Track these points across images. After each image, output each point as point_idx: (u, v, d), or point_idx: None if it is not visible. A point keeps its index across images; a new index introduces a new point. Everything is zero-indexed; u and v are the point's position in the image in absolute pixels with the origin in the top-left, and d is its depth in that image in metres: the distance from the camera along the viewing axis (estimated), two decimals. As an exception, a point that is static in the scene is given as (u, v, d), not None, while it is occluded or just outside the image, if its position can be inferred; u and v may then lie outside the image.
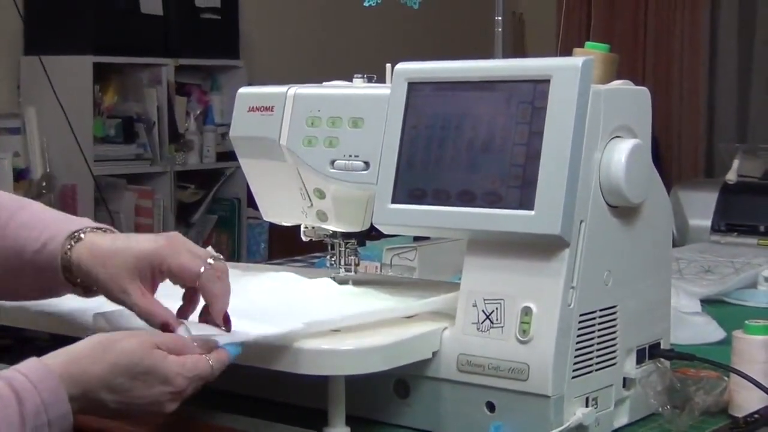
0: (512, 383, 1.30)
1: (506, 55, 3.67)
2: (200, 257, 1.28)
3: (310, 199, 1.58)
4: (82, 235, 1.31)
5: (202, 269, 1.26)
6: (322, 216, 1.57)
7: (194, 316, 1.30)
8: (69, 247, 1.30)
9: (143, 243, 1.29)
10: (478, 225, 1.34)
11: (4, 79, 4.77)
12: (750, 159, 3.36)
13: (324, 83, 1.58)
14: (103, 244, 1.30)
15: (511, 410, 1.30)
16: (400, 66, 1.44)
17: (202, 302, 1.29)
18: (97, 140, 4.77)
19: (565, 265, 1.29)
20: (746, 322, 1.46)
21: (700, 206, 3.05)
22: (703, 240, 2.95)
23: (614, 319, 1.37)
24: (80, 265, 1.29)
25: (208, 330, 1.26)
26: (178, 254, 1.28)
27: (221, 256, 1.30)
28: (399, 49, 5.26)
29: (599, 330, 1.34)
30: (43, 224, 1.34)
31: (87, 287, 1.32)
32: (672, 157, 6.29)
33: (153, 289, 1.28)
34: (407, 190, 1.39)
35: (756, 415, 1.36)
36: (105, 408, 1.18)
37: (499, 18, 2.58)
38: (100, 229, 1.34)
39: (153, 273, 1.28)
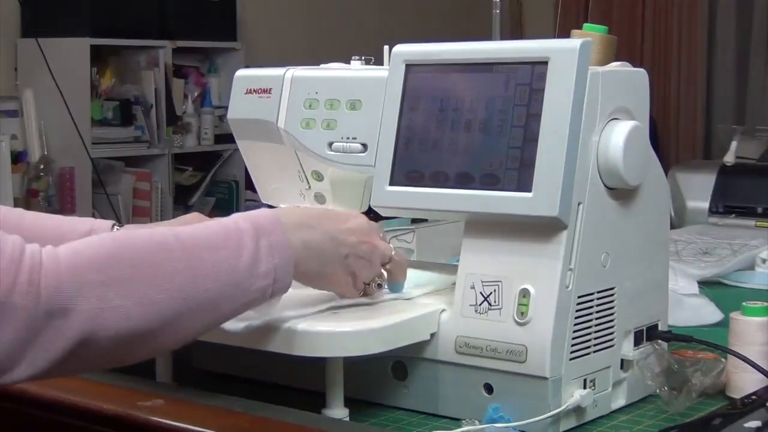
0: (510, 365, 1.30)
1: (504, 36, 3.67)
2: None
3: (308, 182, 1.58)
4: (118, 225, 1.47)
5: None
6: (320, 198, 1.58)
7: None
8: (115, 229, 1.44)
9: (175, 219, 1.52)
10: (476, 207, 1.34)
11: (1, 62, 4.77)
12: (748, 141, 3.36)
13: (321, 65, 1.58)
14: (145, 225, 1.48)
15: (509, 392, 1.30)
16: (398, 48, 1.44)
17: None
18: (95, 123, 4.76)
19: (563, 247, 1.29)
20: (744, 303, 1.46)
21: (698, 188, 3.05)
22: (701, 222, 2.95)
23: (612, 301, 1.37)
24: None
25: None
26: (204, 218, 1.46)
27: None
28: (397, 31, 5.25)
29: (597, 312, 1.35)
30: (68, 220, 1.48)
31: None
32: (670, 139, 6.29)
33: None
34: (405, 172, 1.39)
35: (753, 397, 1.37)
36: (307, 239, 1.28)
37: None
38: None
39: None
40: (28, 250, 1.08)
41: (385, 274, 1.39)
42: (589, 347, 1.34)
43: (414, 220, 2.06)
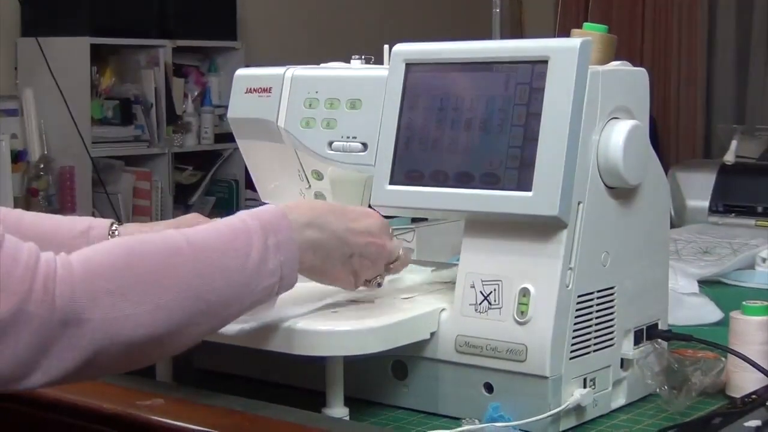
0: (510, 364, 1.30)
1: (504, 36, 3.67)
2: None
3: (308, 181, 1.58)
4: (117, 223, 1.48)
5: None
6: (320, 197, 1.58)
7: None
8: (114, 227, 1.45)
9: (173, 219, 1.51)
10: (476, 206, 1.34)
11: (1, 61, 4.76)
12: (748, 140, 3.37)
13: (322, 65, 1.58)
14: (143, 224, 1.52)
15: (509, 391, 1.30)
16: (398, 47, 1.44)
17: None
18: (95, 122, 4.76)
19: (563, 246, 1.29)
20: (744, 302, 1.46)
21: (698, 187, 3.05)
22: (701, 221, 2.95)
23: (612, 300, 1.37)
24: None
25: None
26: (203, 218, 1.48)
27: None
28: (397, 30, 5.25)
29: (597, 311, 1.35)
30: (66, 219, 1.47)
31: None
32: (670, 138, 6.29)
33: None
34: (405, 171, 1.39)
35: (753, 396, 1.37)
36: (316, 246, 1.29)
37: (497, -1, 2.58)
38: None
39: None
40: (43, 258, 1.08)
41: (385, 272, 1.39)
42: (589, 346, 1.34)
43: (414, 219, 2.07)
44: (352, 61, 1.55)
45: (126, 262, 1.12)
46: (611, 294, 1.37)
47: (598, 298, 1.35)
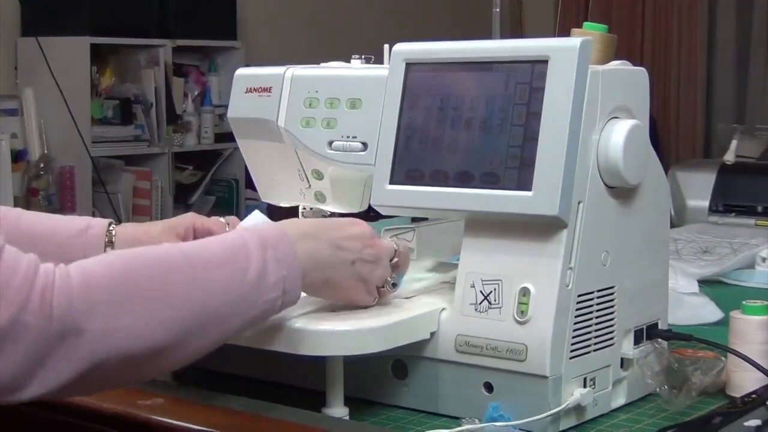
0: (510, 364, 1.30)
1: (504, 35, 3.67)
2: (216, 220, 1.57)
3: (308, 180, 1.58)
4: (115, 223, 1.51)
5: (224, 220, 1.55)
6: (320, 197, 1.58)
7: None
8: (112, 227, 1.48)
9: (171, 219, 1.55)
10: (476, 206, 1.34)
11: (1, 61, 4.76)
12: (748, 140, 3.37)
13: (322, 64, 1.58)
14: (141, 224, 1.56)
15: (509, 391, 1.30)
16: (398, 47, 1.44)
17: None
18: (95, 121, 4.76)
19: (563, 245, 1.29)
20: (744, 302, 1.46)
21: (698, 187, 3.06)
22: (701, 221, 2.96)
23: (612, 300, 1.37)
24: (124, 237, 1.47)
25: None
26: (201, 218, 1.54)
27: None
28: (397, 30, 5.26)
29: (597, 310, 1.35)
30: (65, 219, 1.49)
31: None
32: (670, 138, 6.29)
33: None
34: (405, 171, 1.39)
35: (753, 395, 1.37)
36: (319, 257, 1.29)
37: (497, -2, 2.57)
38: None
39: (186, 233, 1.50)
40: (41, 269, 1.08)
41: (394, 272, 1.38)
42: (589, 346, 1.34)
43: (414, 219, 2.06)
44: (352, 60, 1.55)
45: (125, 274, 1.12)
46: (611, 294, 1.37)
47: (598, 297, 1.35)
